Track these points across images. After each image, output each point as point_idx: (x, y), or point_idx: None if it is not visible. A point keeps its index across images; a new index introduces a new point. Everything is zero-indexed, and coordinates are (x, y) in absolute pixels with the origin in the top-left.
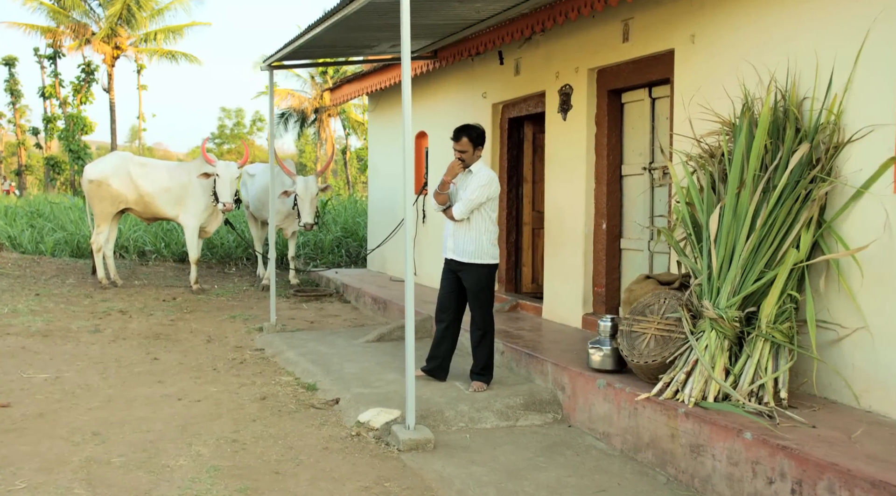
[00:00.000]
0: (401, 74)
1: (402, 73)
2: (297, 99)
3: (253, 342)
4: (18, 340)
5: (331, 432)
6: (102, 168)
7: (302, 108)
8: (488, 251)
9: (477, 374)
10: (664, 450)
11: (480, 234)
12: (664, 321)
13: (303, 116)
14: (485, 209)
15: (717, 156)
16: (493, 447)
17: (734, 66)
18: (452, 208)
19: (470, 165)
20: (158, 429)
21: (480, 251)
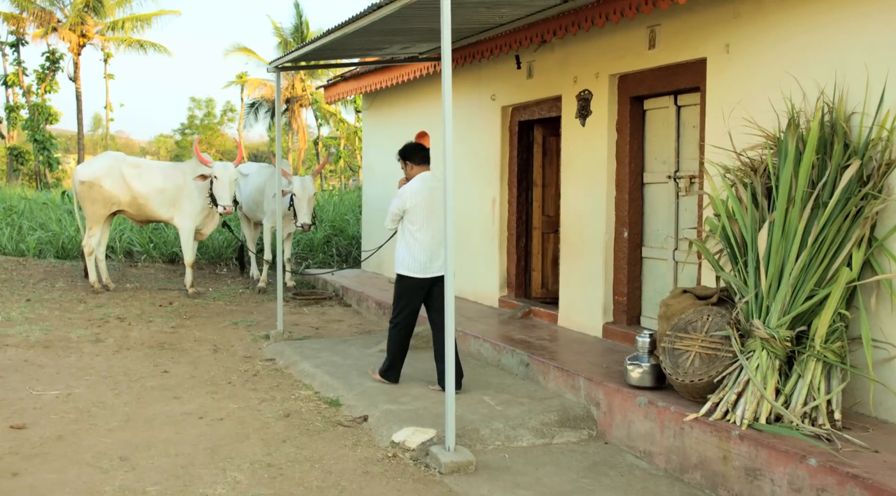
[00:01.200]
0: (399, 76)
1: (443, 74)
2: (269, 88)
3: (261, 351)
4: (19, 352)
5: (366, 453)
6: (94, 169)
7: (273, 98)
8: (403, 262)
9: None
10: (715, 471)
11: (401, 245)
12: (709, 339)
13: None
14: (405, 222)
15: (760, 170)
16: (535, 468)
17: (776, 78)
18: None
19: (409, 180)
20: (187, 453)
21: (398, 261)
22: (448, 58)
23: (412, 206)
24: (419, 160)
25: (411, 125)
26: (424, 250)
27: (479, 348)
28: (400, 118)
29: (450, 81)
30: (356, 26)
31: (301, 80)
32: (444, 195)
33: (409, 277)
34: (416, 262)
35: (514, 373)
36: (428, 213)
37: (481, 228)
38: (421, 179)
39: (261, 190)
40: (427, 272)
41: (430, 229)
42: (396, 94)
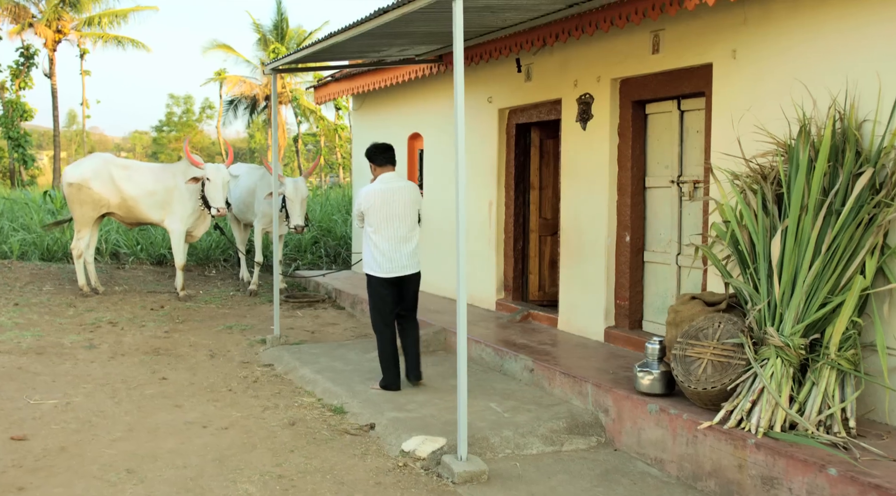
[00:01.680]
0: (392, 77)
1: (455, 81)
2: (248, 85)
3: (258, 356)
4: (12, 359)
5: (376, 463)
6: (83, 170)
7: (252, 95)
8: (366, 262)
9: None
10: (729, 480)
11: (364, 245)
12: (721, 346)
13: (253, 103)
14: (364, 223)
15: (770, 177)
16: (547, 476)
17: (785, 85)
18: None
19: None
20: (195, 464)
21: (363, 261)
22: (460, 64)
23: (367, 208)
24: (381, 161)
25: (403, 127)
26: (381, 251)
27: (480, 353)
28: (391, 119)
29: (462, 87)
30: (361, 30)
31: (281, 77)
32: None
33: (374, 276)
34: (376, 262)
35: (517, 378)
36: (385, 215)
37: (477, 231)
38: (381, 180)
39: (251, 191)
40: (386, 272)
41: (387, 230)
42: (388, 96)
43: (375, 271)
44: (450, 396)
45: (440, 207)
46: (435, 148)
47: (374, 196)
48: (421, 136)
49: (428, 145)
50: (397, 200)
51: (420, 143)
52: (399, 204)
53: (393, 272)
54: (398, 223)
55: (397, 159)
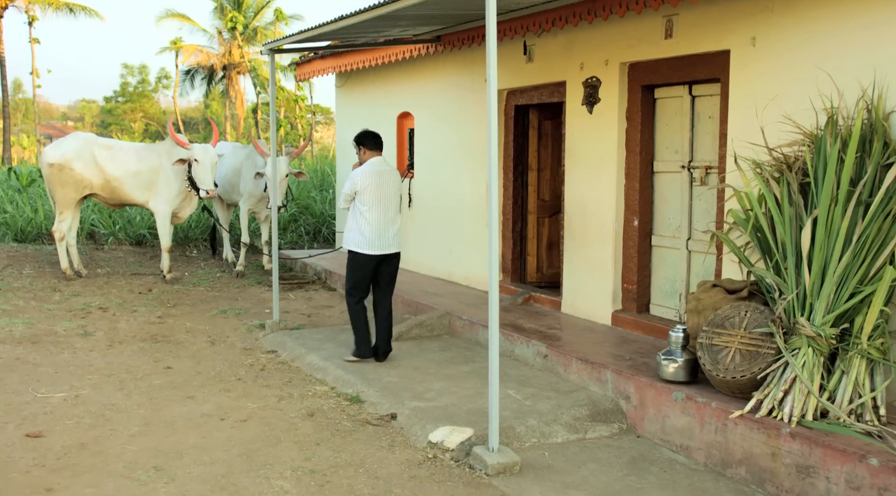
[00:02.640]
0: (381, 57)
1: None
2: (205, 55)
3: (259, 342)
4: (7, 348)
5: (406, 455)
6: (64, 151)
7: (210, 64)
8: (353, 239)
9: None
10: (762, 467)
11: (352, 224)
12: (748, 335)
13: (210, 72)
14: (356, 202)
15: (795, 166)
16: (577, 466)
17: (808, 75)
18: None
19: (362, 164)
20: (222, 460)
21: (347, 239)
22: (493, 55)
23: (363, 188)
24: (372, 146)
25: (392, 106)
26: (373, 229)
27: (488, 338)
28: (379, 97)
29: (495, 78)
30: (381, 12)
31: (239, 46)
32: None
33: (359, 253)
34: (365, 240)
35: (530, 364)
36: (378, 195)
37: (475, 213)
38: (371, 164)
39: (237, 171)
40: (375, 249)
41: (378, 209)
42: (374, 74)
43: (364, 249)
44: (466, 383)
45: (432, 187)
46: (427, 127)
47: (370, 177)
48: (411, 115)
49: (419, 125)
50: (388, 183)
51: (409, 121)
52: (389, 187)
53: (381, 250)
54: (388, 204)
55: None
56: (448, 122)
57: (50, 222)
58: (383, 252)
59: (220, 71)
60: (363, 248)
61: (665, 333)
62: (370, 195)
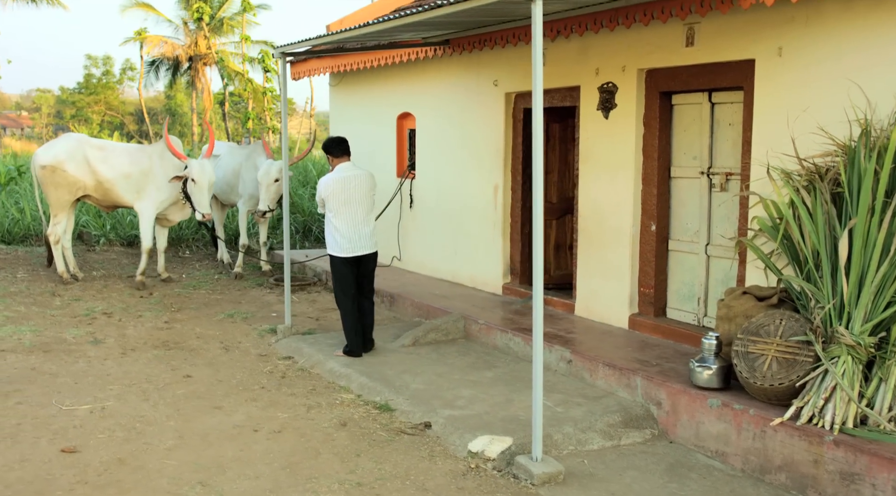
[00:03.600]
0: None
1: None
2: (171, 46)
3: (273, 348)
4: (20, 358)
5: (448, 466)
6: (56, 152)
7: (175, 55)
8: (329, 244)
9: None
10: (804, 474)
11: (327, 228)
12: (785, 343)
13: (176, 64)
14: (326, 208)
15: (828, 176)
16: (618, 473)
17: (838, 86)
18: None
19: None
20: (266, 474)
21: (326, 243)
22: (539, 66)
23: (328, 195)
24: (338, 152)
25: (392, 106)
26: (342, 233)
27: (507, 342)
28: (378, 98)
29: (541, 90)
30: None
31: (205, 37)
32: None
33: (336, 257)
34: (337, 243)
35: (553, 369)
36: (343, 200)
37: (481, 215)
38: (338, 170)
39: (235, 172)
40: (347, 252)
41: (345, 214)
42: (373, 73)
43: (338, 252)
44: (493, 390)
45: (435, 188)
46: (429, 128)
47: (333, 184)
48: (412, 116)
49: (421, 125)
50: (354, 187)
51: (409, 122)
52: (356, 190)
53: (353, 252)
54: (356, 207)
55: (385, 138)
56: (452, 123)
57: (36, 223)
58: (357, 254)
59: (186, 62)
60: (337, 251)
61: (684, 337)
62: (335, 201)
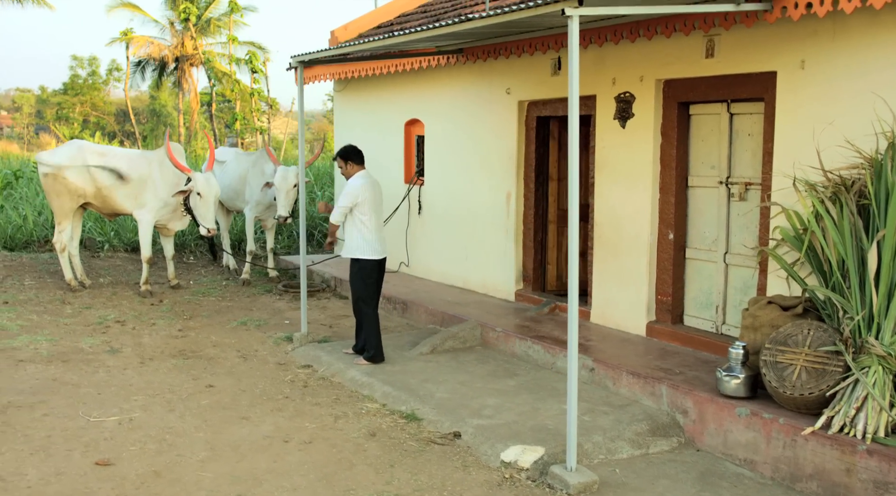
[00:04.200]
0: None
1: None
2: (157, 46)
3: (290, 356)
4: (40, 369)
5: (483, 476)
6: (58, 159)
7: (161, 56)
8: (359, 247)
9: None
10: (835, 482)
11: (354, 233)
12: (814, 353)
13: (162, 64)
14: (354, 213)
15: (854, 188)
16: (650, 482)
17: (863, 100)
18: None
19: (349, 178)
20: (303, 486)
21: (352, 248)
22: (576, 80)
23: (364, 199)
24: (358, 161)
25: (400, 113)
26: (373, 234)
27: (527, 350)
28: (385, 103)
29: (577, 99)
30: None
31: (192, 37)
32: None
33: (367, 260)
34: (369, 246)
35: None
36: (373, 204)
37: (492, 222)
38: (363, 176)
39: (242, 178)
40: (377, 254)
41: (375, 217)
42: (379, 79)
43: (369, 255)
44: (518, 399)
45: (445, 195)
46: (439, 135)
47: (367, 188)
48: (420, 122)
49: (431, 132)
50: (379, 193)
51: (417, 128)
52: (380, 196)
53: (381, 254)
54: (380, 212)
55: (393, 144)
56: (463, 130)
57: (39, 229)
58: (383, 255)
59: (173, 63)
60: (368, 254)
61: (702, 344)
62: (368, 205)
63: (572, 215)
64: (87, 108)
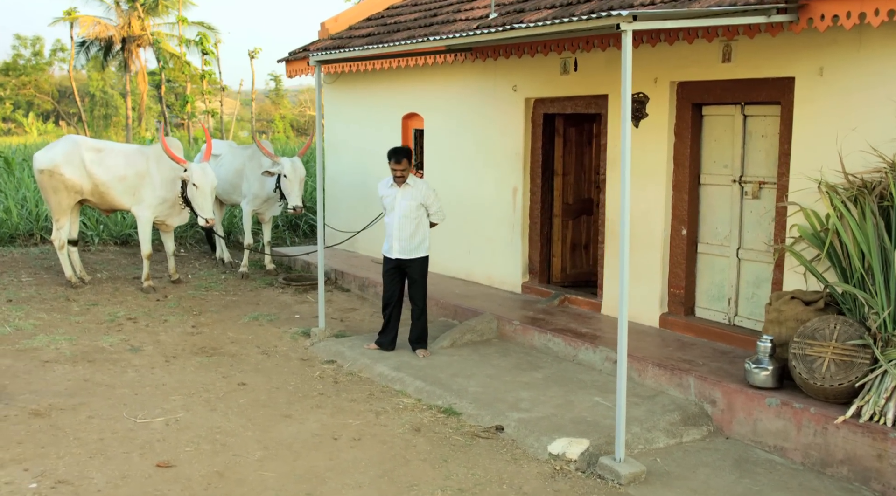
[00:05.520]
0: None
1: (623, 109)
2: (103, 26)
3: (310, 351)
4: (68, 370)
5: (536, 468)
6: (53, 155)
7: (108, 36)
8: (426, 245)
9: (418, 342)
10: (867, 467)
11: (425, 231)
12: (842, 347)
13: (108, 45)
14: (423, 212)
15: (875, 191)
16: (691, 470)
17: (884, 107)
18: (434, 217)
19: (407, 179)
20: (367, 483)
21: (424, 245)
22: (628, 95)
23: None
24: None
25: (397, 106)
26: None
27: (546, 343)
28: (381, 97)
29: (629, 115)
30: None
31: (139, 17)
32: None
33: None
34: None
35: (598, 368)
36: None
37: (498, 215)
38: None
39: (238, 172)
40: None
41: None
42: (375, 73)
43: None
44: (549, 392)
45: (446, 189)
46: (440, 130)
47: None
48: (418, 116)
49: (431, 127)
50: None
51: (415, 122)
52: None
53: None
54: None
55: (389, 137)
56: (466, 126)
57: (24, 223)
58: None
59: (118, 43)
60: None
61: (716, 335)
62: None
63: (624, 220)
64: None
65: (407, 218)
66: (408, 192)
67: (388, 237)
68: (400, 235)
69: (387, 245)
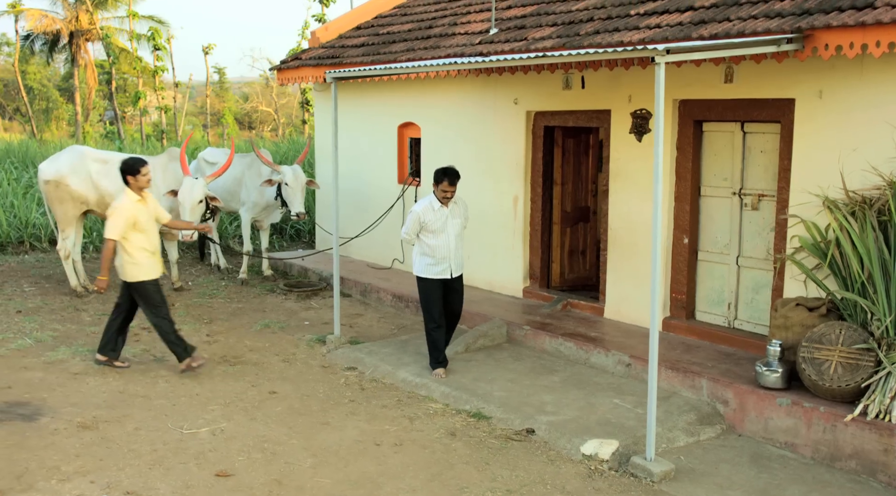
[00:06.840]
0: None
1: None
2: (50, 20)
3: (329, 358)
4: (100, 382)
5: (573, 469)
6: (59, 166)
7: (54, 30)
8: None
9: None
10: (874, 461)
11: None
12: (847, 350)
13: (55, 39)
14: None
15: (875, 206)
16: (714, 466)
17: (881, 129)
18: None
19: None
20: (420, 487)
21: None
22: (661, 118)
23: None
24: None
25: (393, 115)
26: None
27: (558, 347)
28: (376, 105)
29: (662, 141)
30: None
31: (88, 11)
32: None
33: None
34: None
35: (611, 372)
36: None
37: (499, 223)
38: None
39: (237, 180)
40: None
41: None
42: (369, 84)
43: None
44: (570, 395)
45: None
46: (437, 140)
47: None
48: (415, 125)
49: (428, 136)
50: None
51: (411, 131)
52: None
53: None
54: None
55: (385, 146)
56: (465, 136)
57: (14, 231)
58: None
59: (66, 37)
60: None
61: (717, 338)
62: None
63: (656, 234)
64: None
65: (459, 237)
66: (456, 211)
67: (439, 260)
68: (455, 255)
69: (436, 268)
